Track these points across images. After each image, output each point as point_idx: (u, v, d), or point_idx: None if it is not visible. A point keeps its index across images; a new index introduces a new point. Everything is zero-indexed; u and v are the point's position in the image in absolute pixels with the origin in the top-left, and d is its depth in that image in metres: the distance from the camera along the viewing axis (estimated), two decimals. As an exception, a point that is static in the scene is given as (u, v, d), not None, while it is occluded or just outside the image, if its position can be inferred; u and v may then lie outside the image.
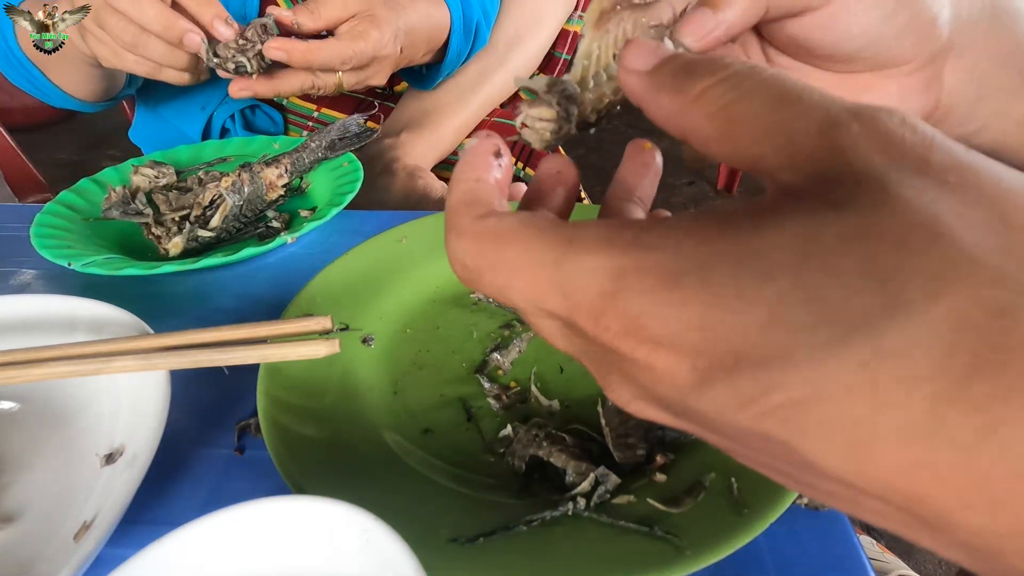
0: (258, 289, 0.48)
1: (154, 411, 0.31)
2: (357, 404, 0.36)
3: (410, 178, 0.64)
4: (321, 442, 0.33)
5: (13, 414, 0.36)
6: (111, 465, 0.32)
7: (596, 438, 0.34)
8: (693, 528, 0.27)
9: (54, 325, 0.37)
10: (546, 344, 0.42)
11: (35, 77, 0.61)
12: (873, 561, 0.81)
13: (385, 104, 0.76)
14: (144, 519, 0.31)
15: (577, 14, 0.84)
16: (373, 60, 0.57)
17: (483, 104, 0.75)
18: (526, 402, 0.37)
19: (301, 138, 0.59)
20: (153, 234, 0.51)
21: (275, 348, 0.31)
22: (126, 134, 0.80)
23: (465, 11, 0.66)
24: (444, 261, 0.48)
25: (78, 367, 0.31)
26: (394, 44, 0.58)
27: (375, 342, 0.41)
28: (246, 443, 0.35)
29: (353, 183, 0.54)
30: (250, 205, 0.53)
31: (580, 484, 0.30)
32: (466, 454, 0.34)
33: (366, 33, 0.55)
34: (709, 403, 0.14)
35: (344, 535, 0.23)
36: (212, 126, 0.72)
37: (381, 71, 0.60)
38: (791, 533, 0.29)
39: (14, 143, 0.96)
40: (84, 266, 0.44)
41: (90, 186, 0.56)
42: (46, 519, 0.31)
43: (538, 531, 0.29)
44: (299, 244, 0.52)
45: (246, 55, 0.54)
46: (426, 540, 0.26)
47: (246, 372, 0.35)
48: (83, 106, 0.67)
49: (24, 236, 0.48)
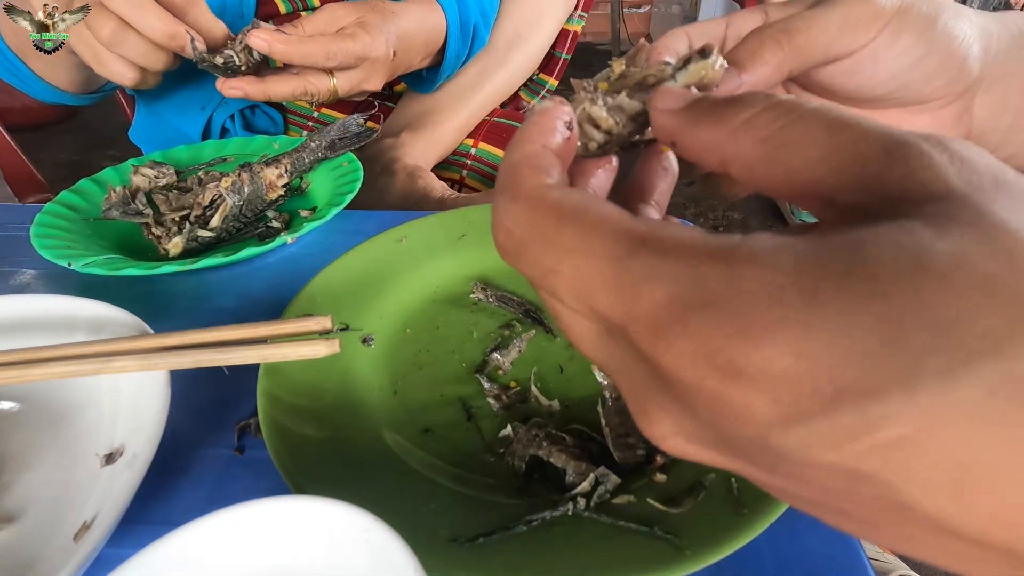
0: (258, 289, 0.48)
1: (154, 411, 0.31)
2: (357, 404, 0.36)
3: (410, 178, 0.64)
4: (321, 442, 0.33)
5: (13, 414, 0.36)
6: (111, 465, 0.32)
7: (596, 438, 0.34)
8: (693, 528, 0.27)
9: (54, 325, 0.37)
10: (546, 344, 0.42)
11: (17, 67, 0.61)
12: (873, 561, 0.81)
13: (385, 104, 0.76)
14: (144, 519, 0.31)
15: (577, 14, 0.84)
16: (364, 62, 0.57)
17: (483, 104, 0.75)
18: (526, 402, 0.37)
19: (301, 138, 0.59)
20: (153, 234, 0.51)
21: (275, 348, 0.31)
22: (126, 134, 0.80)
23: (461, 13, 0.65)
24: (444, 261, 0.49)
25: (78, 367, 0.31)
26: (386, 48, 0.57)
27: (375, 342, 0.41)
28: (246, 443, 0.35)
29: (353, 183, 0.54)
30: (250, 205, 0.53)
31: (580, 484, 0.30)
32: (466, 454, 0.34)
33: (355, 34, 0.55)
34: (794, 441, 0.12)
35: (344, 535, 0.23)
36: (212, 126, 0.72)
37: (374, 75, 0.59)
38: (791, 533, 0.29)
39: (14, 143, 0.96)
40: (84, 266, 0.44)
41: (90, 186, 0.56)
42: (46, 519, 0.31)
43: (538, 531, 0.29)
44: (299, 244, 0.52)
45: (233, 49, 0.54)
46: (426, 540, 0.26)
47: (246, 372, 0.35)
48: (71, 98, 0.67)
49: (24, 236, 0.48)
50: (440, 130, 0.72)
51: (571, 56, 0.86)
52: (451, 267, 0.47)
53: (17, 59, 0.60)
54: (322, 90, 0.57)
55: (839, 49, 0.25)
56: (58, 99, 0.66)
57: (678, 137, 0.18)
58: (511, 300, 0.44)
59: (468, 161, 0.75)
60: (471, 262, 0.47)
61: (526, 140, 0.18)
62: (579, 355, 0.40)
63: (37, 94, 0.64)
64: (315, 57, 0.54)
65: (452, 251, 0.48)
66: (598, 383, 0.35)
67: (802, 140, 0.15)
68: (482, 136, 0.76)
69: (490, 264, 0.47)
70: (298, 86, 0.56)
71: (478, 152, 0.75)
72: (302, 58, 0.53)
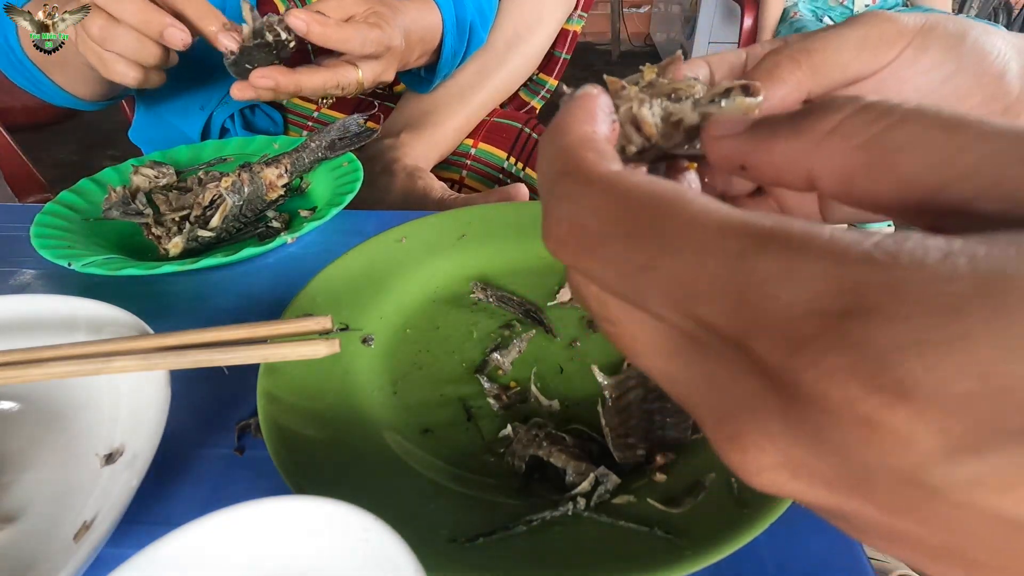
0: (258, 289, 0.48)
1: (154, 411, 0.31)
2: (357, 404, 0.36)
3: (410, 178, 0.64)
4: (321, 442, 0.33)
5: (13, 414, 0.36)
6: (111, 465, 0.32)
7: (596, 438, 0.34)
8: (693, 528, 0.27)
9: (54, 325, 0.37)
10: (546, 344, 0.42)
11: (36, 78, 0.61)
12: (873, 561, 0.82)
13: (385, 104, 0.76)
14: (144, 519, 0.31)
15: (577, 14, 0.84)
16: (387, 52, 0.56)
17: (483, 104, 0.75)
18: (526, 402, 0.37)
19: (301, 138, 0.59)
20: (153, 234, 0.51)
21: (275, 348, 0.31)
22: (126, 134, 0.80)
23: (457, 11, 0.65)
24: (444, 261, 0.49)
25: (78, 367, 0.31)
26: (401, 39, 0.57)
27: (375, 342, 0.41)
28: (246, 443, 0.35)
29: (353, 183, 0.54)
30: (250, 205, 0.53)
31: (580, 484, 0.30)
32: (466, 454, 0.34)
33: (379, 24, 0.54)
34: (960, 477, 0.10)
35: (344, 535, 0.23)
36: (212, 126, 0.72)
37: (391, 66, 0.58)
38: (791, 533, 0.29)
39: (14, 143, 0.96)
40: (84, 266, 0.44)
41: (90, 186, 0.56)
42: (46, 519, 0.31)
43: (538, 531, 0.29)
44: (299, 244, 0.52)
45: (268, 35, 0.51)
46: (426, 540, 0.26)
47: (246, 372, 0.35)
48: (85, 105, 0.67)
49: (24, 236, 0.48)
50: (440, 130, 0.72)
51: (571, 56, 0.87)
52: (451, 267, 0.47)
53: (36, 69, 0.60)
54: (352, 81, 0.55)
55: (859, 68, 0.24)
56: (73, 105, 0.66)
57: (749, 158, 0.16)
58: (511, 300, 0.44)
59: (468, 161, 0.76)
60: (471, 262, 0.47)
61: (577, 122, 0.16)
62: (579, 355, 0.40)
63: (53, 99, 0.65)
64: (353, 43, 0.52)
65: (452, 251, 0.48)
66: (598, 383, 0.35)
67: (914, 143, 0.13)
68: (482, 136, 0.76)
69: (490, 264, 0.47)
70: (330, 78, 0.54)
71: (478, 152, 0.76)
72: (340, 42, 0.52)
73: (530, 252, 0.48)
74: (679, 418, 0.34)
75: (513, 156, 0.75)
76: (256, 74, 0.52)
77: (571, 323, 0.43)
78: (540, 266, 0.47)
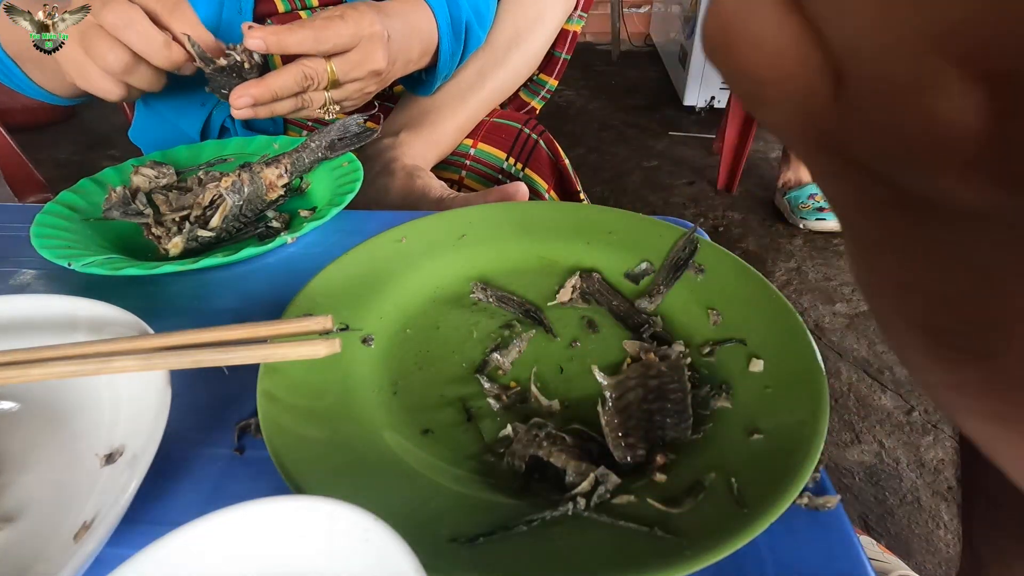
0: (258, 289, 0.48)
1: (154, 411, 0.31)
2: (357, 404, 0.36)
3: (409, 178, 0.64)
4: (321, 442, 0.33)
5: (13, 414, 0.36)
6: (111, 465, 0.32)
7: (596, 438, 0.34)
8: (693, 528, 0.27)
9: (54, 325, 0.37)
10: (546, 344, 0.42)
11: (12, 72, 0.61)
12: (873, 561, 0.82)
13: (385, 104, 0.76)
14: (144, 519, 0.31)
15: (577, 14, 0.84)
16: (359, 40, 0.56)
17: (483, 104, 0.75)
18: (526, 402, 0.37)
19: (301, 138, 0.59)
20: (153, 234, 0.51)
21: (275, 348, 0.31)
22: (126, 134, 0.80)
23: (452, 11, 0.65)
24: (444, 261, 0.49)
25: (78, 367, 0.31)
26: (380, 25, 0.57)
27: (375, 342, 0.41)
28: (246, 443, 0.35)
29: (353, 183, 0.54)
30: (250, 205, 0.53)
31: (580, 484, 0.30)
32: (466, 454, 0.34)
33: (343, 15, 0.55)
34: None
35: (344, 535, 0.23)
36: (211, 125, 0.72)
37: (373, 52, 0.57)
38: (791, 533, 0.29)
39: (14, 143, 0.96)
40: (84, 266, 0.44)
41: (90, 186, 0.56)
42: (46, 519, 0.31)
43: (538, 531, 0.29)
44: (299, 244, 0.52)
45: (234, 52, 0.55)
46: (426, 540, 0.26)
47: (246, 372, 0.35)
48: (59, 100, 0.67)
49: (24, 236, 0.48)
50: (439, 130, 0.72)
51: (571, 56, 0.87)
52: (451, 267, 0.47)
53: (13, 64, 0.60)
54: (320, 72, 0.56)
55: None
56: (47, 99, 0.66)
57: None
58: (511, 300, 0.44)
59: (467, 161, 0.76)
60: (471, 262, 0.47)
61: None
62: (579, 355, 0.40)
63: (27, 93, 0.64)
64: (307, 43, 0.53)
65: (452, 251, 0.48)
66: (598, 383, 0.35)
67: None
68: (481, 136, 0.76)
69: (490, 264, 0.47)
70: (296, 72, 0.55)
71: (477, 152, 0.76)
72: (295, 45, 0.53)
73: (530, 252, 0.48)
74: (679, 418, 0.34)
75: (512, 156, 0.75)
76: (232, 97, 0.55)
77: (571, 323, 0.43)
78: (540, 266, 0.47)
